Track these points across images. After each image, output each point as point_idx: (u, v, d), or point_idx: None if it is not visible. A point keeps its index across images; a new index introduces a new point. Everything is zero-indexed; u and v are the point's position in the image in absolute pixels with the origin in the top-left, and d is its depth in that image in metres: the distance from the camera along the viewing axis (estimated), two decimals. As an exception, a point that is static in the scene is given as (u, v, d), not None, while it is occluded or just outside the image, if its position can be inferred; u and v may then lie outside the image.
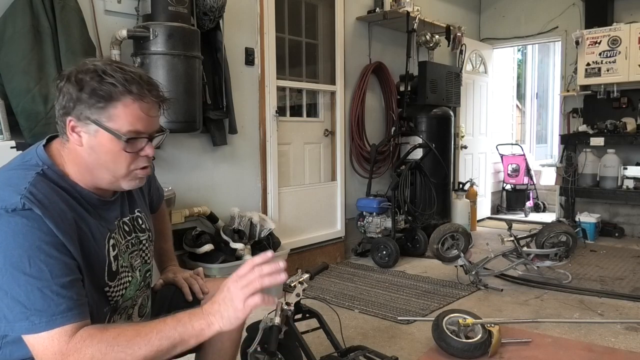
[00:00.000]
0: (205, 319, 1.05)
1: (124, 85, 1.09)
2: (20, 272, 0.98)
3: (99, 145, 1.11)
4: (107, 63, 1.13)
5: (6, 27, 2.31)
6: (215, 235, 3.19)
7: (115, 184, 1.18)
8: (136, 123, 1.12)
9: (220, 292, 1.07)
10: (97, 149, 1.12)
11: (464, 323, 2.48)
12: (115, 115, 1.10)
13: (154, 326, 1.04)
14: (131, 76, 1.11)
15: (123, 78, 1.10)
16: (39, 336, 0.99)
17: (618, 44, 4.95)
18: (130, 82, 1.10)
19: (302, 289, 1.92)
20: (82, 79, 1.09)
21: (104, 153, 1.12)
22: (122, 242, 1.26)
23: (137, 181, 1.20)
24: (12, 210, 1.01)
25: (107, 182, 1.17)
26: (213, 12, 2.99)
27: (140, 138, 1.14)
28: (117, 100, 1.09)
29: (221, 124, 3.34)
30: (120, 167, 1.15)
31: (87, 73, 1.10)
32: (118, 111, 1.10)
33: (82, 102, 1.09)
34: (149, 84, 1.14)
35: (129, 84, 1.10)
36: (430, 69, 4.83)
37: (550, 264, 3.56)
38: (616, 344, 2.62)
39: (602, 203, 5.46)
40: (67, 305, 1.01)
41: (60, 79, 1.12)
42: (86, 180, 1.16)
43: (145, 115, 1.13)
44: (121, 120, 1.10)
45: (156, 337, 1.02)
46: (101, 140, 1.11)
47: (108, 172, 1.15)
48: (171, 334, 1.03)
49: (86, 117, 1.10)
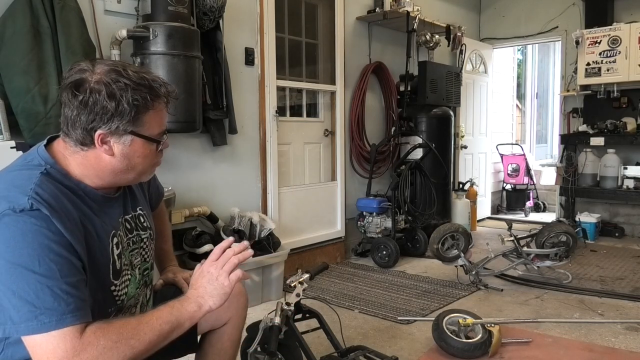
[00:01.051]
0: (195, 300, 1.17)
1: (155, 93, 1.15)
2: (29, 271, 0.98)
3: (133, 152, 1.16)
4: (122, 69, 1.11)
5: (6, 27, 2.31)
6: (215, 236, 3.19)
7: (135, 181, 1.25)
8: (162, 123, 1.20)
9: (200, 278, 1.21)
10: (131, 156, 1.16)
11: (464, 323, 2.48)
12: (147, 121, 1.15)
13: (152, 314, 1.12)
14: (156, 82, 1.16)
15: (151, 85, 1.14)
16: (48, 335, 0.99)
17: (618, 43, 4.95)
18: (159, 88, 1.16)
19: (302, 289, 1.92)
20: (115, 93, 1.08)
21: (137, 157, 1.17)
22: (125, 240, 1.26)
23: (153, 173, 1.30)
24: (20, 211, 1.01)
25: (129, 181, 1.23)
26: (213, 12, 2.99)
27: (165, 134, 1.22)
28: (151, 108, 1.15)
29: (221, 124, 3.34)
30: (147, 166, 1.22)
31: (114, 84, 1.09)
32: (150, 117, 1.15)
33: (121, 117, 1.10)
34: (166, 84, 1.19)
35: (157, 90, 1.15)
36: (430, 68, 4.83)
37: (551, 263, 3.56)
38: (616, 344, 2.62)
39: (602, 203, 5.46)
40: (76, 304, 1.01)
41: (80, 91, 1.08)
42: (104, 181, 1.18)
43: (167, 113, 1.22)
44: (153, 125, 1.17)
45: (157, 322, 1.09)
46: (135, 147, 1.16)
47: (135, 172, 1.20)
48: (169, 319, 1.11)
49: (122, 130, 1.12)
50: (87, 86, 1.08)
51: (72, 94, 1.09)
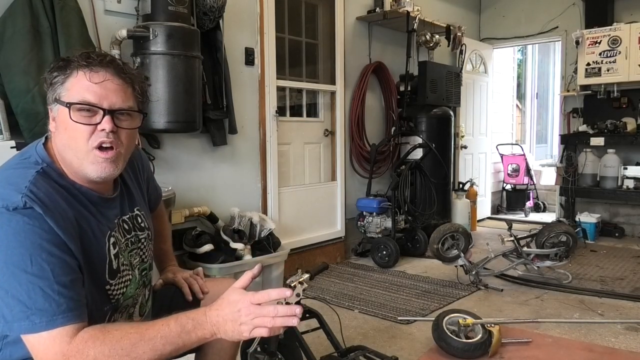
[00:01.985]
0: (210, 329, 1.05)
1: (76, 59, 1.12)
2: (21, 270, 0.98)
3: (61, 123, 1.13)
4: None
5: (6, 27, 2.31)
6: (215, 235, 3.19)
7: (81, 169, 1.13)
8: (84, 93, 1.11)
9: (228, 306, 1.06)
10: (60, 128, 1.13)
11: (464, 323, 2.48)
12: (67, 88, 1.12)
13: (158, 330, 1.03)
14: (87, 53, 1.14)
15: (79, 55, 1.13)
16: (39, 336, 0.98)
17: (618, 43, 4.95)
18: (83, 55, 1.13)
19: (302, 289, 1.92)
20: (54, 66, 1.14)
21: (64, 130, 1.12)
22: (122, 241, 1.26)
23: (101, 167, 1.13)
24: (13, 209, 1.01)
25: (76, 167, 1.13)
26: (213, 12, 2.99)
27: (92, 109, 1.11)
28: (70, 74, 1.12)
29: (221, 124, 3.34)
30: (78, 144, 1.11)
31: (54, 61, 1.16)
32: (70, 84, 1.12)
33: (48, 85, 1.13)
34: (103, 56, 1.15)
35: (81, 58, 1.12)
36: (431, 68, 4.83)
37: (551, 264, 3.56)
38: (616, 344, 2.62)
39: (602, 203, 5.46)
40: (68, 305, 1.00)
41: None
42: (70, 171, 1.15)
43: (96, 85, 1.11)
44: (72, 92, 1.11)
45: (160, 342, 1.02)
46: (61, 117, 1.13)
47: (71, 151, 1.12)
48: (175, 340, 1.03)
49: (53, 100, 1.13)
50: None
51: None
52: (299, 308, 1.07)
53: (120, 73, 1.15)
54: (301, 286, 1.22)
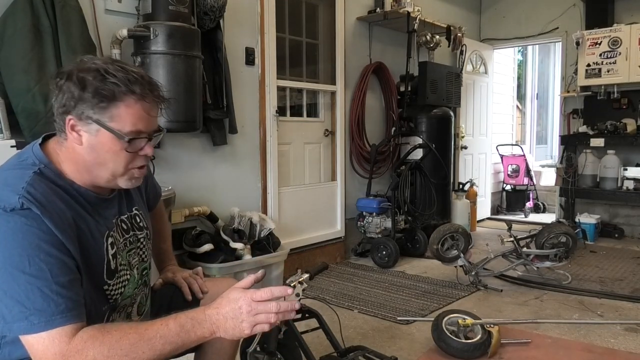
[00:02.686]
0: (209, 327, 1.06)
1: (126, 85, 1.09)
2: (19, 271, 0.98)
3: (100, 145, 1.11)
4: (108, 62, 1.12)
5: (6, 26, 2.31)
6: (215, 235, 3.19)
7: (112, 182, 1.17)
8: (138, 123, 1.12)
9: (228, 303, 1.07)
10: (98, 148, 1.12)
11: (463, 323, 2.48)
12: (117, 115, 1.09)
13: (157, 330, 1.03)
14: (133, 76, 1.11)
15: (125, 78, 1.09)
16: (38, 336, 0.98)
17: (618, 44, 4.95)
18: (133, 82, 1.10)
19: (302, 288, 1.92)
20: (84, 78, 1.08)
21: (105, 152, 1.12)
22: (121, 240, 1.26)
23: (134, 180, 1.20)
24: (10, 210, 1.00)
25: (105, 181, 1.16)
26: (213, 11, 2.99)
27: (140, 138, 1.14)
28: (120, 100, 1.09)
29: (221, 124, 3.34)
30: (119, 166, 1.14)
31: (89, 72, 1.09)
32: (120, 111, 1.09)
33: (84, 102, 1.08)
34: (151, 84, 1.14)
35: (131, 84, 1.10)
36: (431, 69, 4.83)
37: (550, 264, 3.56)
38: (616, 344, 2.62)
39: (602, 204, 5.46)
40: (67, 305, 1.00)
41: (60, 76, 1.11)
42: (84, 178, 1.15)
43: (147, 115, 1.13)
44: (123, 121, 1.10)
45: (159, 342, 1.02)
46: (102, 140, 1.11)
47: (107, 170, 1.14)
48: (174, 340, 1.04)
49: (88, 117, 1.09)
50: (66, 72, 1.10)
51: (53, 79, 1.12)
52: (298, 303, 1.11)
53: (160, 100, 1.18)
54: (301, 286, 1.22)
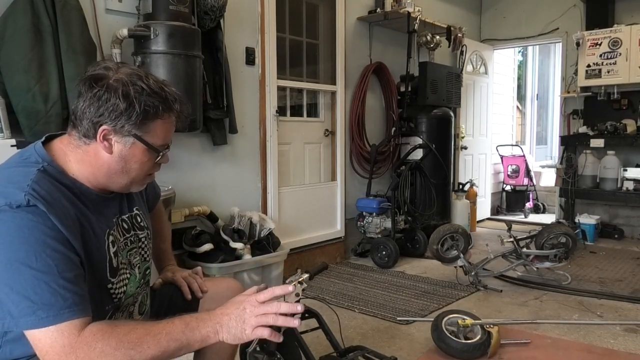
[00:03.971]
0: (213, 326, 1.08)
1: (168, 105, 1.16)
2: (26, 266, 0.99)
3: (131, 156, 1.16)
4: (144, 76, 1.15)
5: (7, 25, 2.31)
6: (215, 235, 3.19)
7: (127, 188, 1.23)
8: (167, 137, 1.20)
9: (235, 305, 1.11)
10: (128, 159, 1.16)
11: (463, 324, 2.48)
12: (153, 130, 1.16)
13: (163, 327, 1.05)
14: (172, 96, 1.17)
15: (166, 97, 1.16)
16: (46, 330, 0.99)
17: (619, 45, 4.95)
18: (173, 101, 1.17)
19: (302, 288, 1.92)
20: (130, 94, 1.11)
21: (135, 162, 1.17)
22: (121, 240, 1.26)
23: (144, 185, 1.28)
24: (16, 207, 1.01)
25: (120, 187, 1.21)
26: (214, 11, 2.99)
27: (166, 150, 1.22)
28: (159, 117, 1.15)
29: (221, 124, 3.34)
30: (141, 174, 1.21)
31: (132, 86, 1.11)
32: (157, 126, 1.16)
33: (129, 118, 1.11)
34: (184, 102, 1.21)
35: (172, 104, 1.17)
36: (431, 69, 4.83)
37: (550, 265, 3.56)
38: (615, 345, 2.63)
39: (601, 204, 5.46)
40: (73, 299, 1.01)
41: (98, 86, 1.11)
42: (97, 180, 1.17)
43: (172, 128, 1.22)
44: (157, 135, 1.17)
45: (165, 339, 1.04)
46: (134, 152, 1.16)
47: (128, 178, 1.19)
48: (179, 337, 1.05)
49: (127, 131, 1.13)
50: (106, 82, 1.11)
51: (89, 86, 1.12)
52: (301, 305, 1.10)
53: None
54: (301, 286, 1.22)
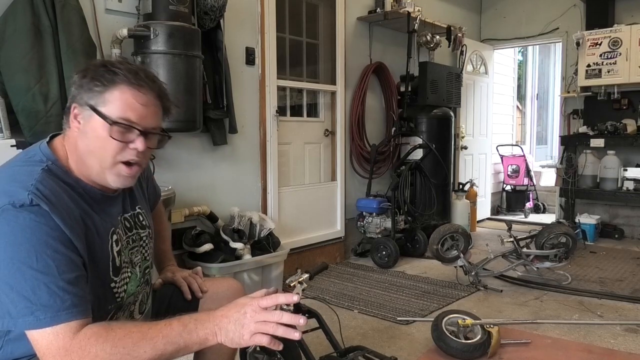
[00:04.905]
0: (212, 328, 1.05)
1: (124, 74, 1.12)
2: (27, 266, 0.98)
3: (92, 131, 1.12)
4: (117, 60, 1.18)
5: (7, 25, 2.31)
6: (214, 235, 3.19)
7: (102, 176, 1.16)
8: (128, 111, 1.12)
9: (236, 308, 1.07)
10: (89, 134, 1.13)
11: (463, 324, 2.48)
12: (109, 100, 1.11)
13: (160, 330, 1.03)
14: (134, 69, 1.14)
15: (125, 68, 1.13)
16: (43, 331, 0.99)
17: (619, 45, 4.95)
18: (131, 71, 1.13)
19: (302, 288, 1.92)
20: (88, 68, 1.15)
21: (94, 138, 1.12)
22: (124, 238, 1.26)
23: (122, 179, 1.17)
24: (19, 206, 1.01)
25: (95, 173, 1.15)
26: (214, 11, 2.99)
27: (131, 128, 1.12)
28: (114, 86, 1.11)
29: (221, 124, 3.34)
30: (107, 156, 1.13)
31: (95, 64, 1.16)
32: (113, 97, 1.11)
33: (83, 88, 1.12)
34: (150, 77, 1.16)
35: (128, 73, 1.12)
36: (431, 69, 4.83)
37: (550, 265, 3.56)
38: (615, 345, 2.62)
39: (602, 204, 5.46)
40: (72, 301, 1.01)
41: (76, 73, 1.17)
42: (81, 170, 1.16)
43: (140, 105, 1.13)
44: (114, 106, 1.11)
45: (161, 342, 1.02)
46: (93, 125, 1.12)
47: (96, 159, 1.14)
48: (176, 340, 1.03)
49: (85, 102, 1.12)
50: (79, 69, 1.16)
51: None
52: (303, 319, 1.06)
53: (161, 97, 1.18)
54: (300, 286, 1.22)
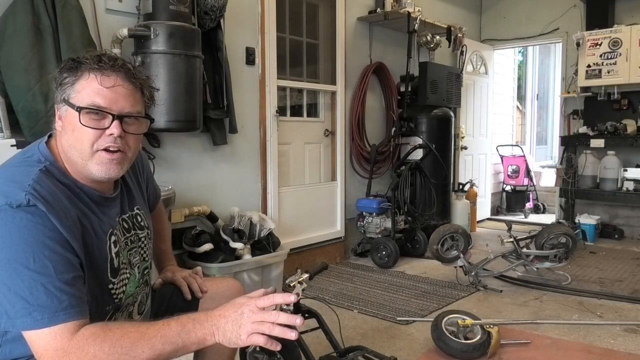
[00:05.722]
0: (209, 328, 1.05)
1: (87, 62, 1.12)
2: (24, 267, 0.98)
3: (68, 124, 1.13)
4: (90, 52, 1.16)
5: (7, 25, 2.31)
6: (214, 235, 3.19)
7: (85, 169, 1.14)
8: (95, 97, 1.11)
9: (234, 307, 1.07)
10: (67, 128, 1.13)
11: (463, 324, 2.48)
12: (78, 90, 1.12)
13: (158, 330, 1.03)
14: (100, 55, 1.13)
15: (90, 56, 1.12)
16: (41, 332, 0.99)
17: (619, 45, 4.95)
18: (94, 58, 1.12)
19: (302, 288, 1.92)
20: (64, 66, 1.14)
21: (71, 131, 1.12)
22: (122, 239, 1.26)
23: (106, 167, 1.14)
24: (16, 206, 1.01)
25: (80, 166, 1.14)
26: (214, 11, 2.99)
27: (101, 112, 1.11)
28: (81, 75, 1.12)
29: (221, 124, 3.34)
30: (84, 146, 1.12)
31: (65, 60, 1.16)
32: (81, 86, 1.12)
33: (57, 85, 1.13)
34: (112, 59, 1.15)
35: (92, 60, 1.12)
36: (431, 69, 4.83)
37: (550, 265, 3.56)
38: (615, 345, 2.63)
39: (601, 205, 5.46)
40: (70, 302, 1.01)
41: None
42: (73, 171, 1.16)
43: (107, 89, 1.11)
44: (82, 94, 1.11)
45: (159, 342, 1.02)
46: (69, 119, 1.12)
47: (76, 152, 1.13)
48: (174, 340, 1.03)
49: (60, 99, 1.13)
50: None
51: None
52: (300, 319, 1.06)
53: (131, 78, 1.15)
54: (300, 286, 1.22)
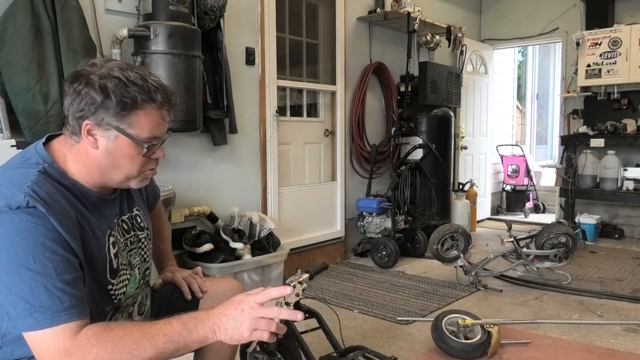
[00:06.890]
0: (211, 327, 1.06)
1: (147, 94, 1.12)
2: (24, 268, 0.98)
3: (117, 150, 1.14)
4: (125, 68, 1.13)
5: (7, 25, 2.31)
6: (215, 235, 3.19)
7: (124, 184, 1.21)
8: (155, 129, 1.16)
9: (233, 305, 1.07)
10: (115, 153, 1.14)
11: (463, 324, 2.48)
12: (136, 122, 1.13)
13: (160, 329, 1.03)
14: (154, 85, 1.14)
15: (146, 87, 1.12)
16: (42, 333, 0.99)
17: (619, 45, 4.95)
18: (154, 91, 1.13)
19: (302, 288, 1.92)
20: (106, 85, 1.09)
21: (122, 157, 1.15)
22: (121, 240, 1.26)
23: (146, 181, 1.25)
24: (16, 208, 1.01)
25: (117, 182, 1.20)
26: (214, 11, 2.99)
27: (156, 143, 1.18)
28: (141, 109, 1.12)
29: (221, 124, 3.34)
30: (134, 169, 1.18)
31: (110, 79, 1.10)
32: (140, 118, 1.13)
33: (107, 109, 1.10)
34: (168, 92, 1.17)
35: (152, 93, 1.13)
36: (431, 69, 4.83)
37: (550, 265, 3.56)
38: (615, 345, 2.63)
39: (602, 204, 5.46)
40: (71, 302, 1.01)
41: (78, 81, 1.11)
42: (94, 179, 1.17)
43: (162, 121, 1.18)
44: (141, 127, 1.14)
45: (162, 341, 1.02)
46: (120, 145, 1.13)
47: (121, 173, 1.17)
48: (176, 338, 1.03)
49: (107, 123, 1.11)
50: (86, 77, 1.11)
51: (71, 83, 1.12)
52: (301, 314, 1.07)
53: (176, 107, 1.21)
54: (300, 286, 1.22)
